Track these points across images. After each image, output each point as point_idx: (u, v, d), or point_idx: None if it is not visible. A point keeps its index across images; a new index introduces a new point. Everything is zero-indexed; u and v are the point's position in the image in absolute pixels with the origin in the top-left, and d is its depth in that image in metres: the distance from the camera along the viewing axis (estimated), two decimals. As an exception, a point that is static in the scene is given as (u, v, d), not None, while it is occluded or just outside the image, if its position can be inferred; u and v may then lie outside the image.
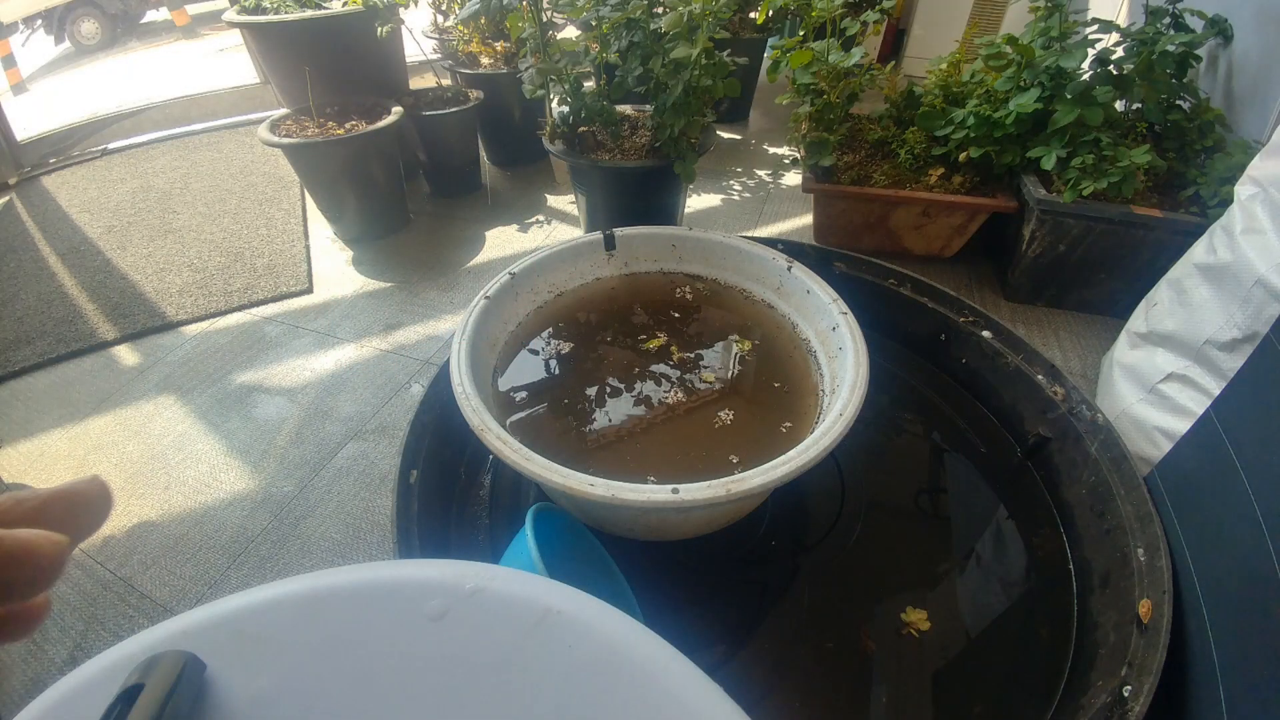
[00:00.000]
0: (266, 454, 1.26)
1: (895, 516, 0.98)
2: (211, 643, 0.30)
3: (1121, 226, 1.31)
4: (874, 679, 0.79)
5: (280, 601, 0.31)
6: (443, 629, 0.30)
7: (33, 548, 0.23)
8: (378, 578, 0.32)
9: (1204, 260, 0.96)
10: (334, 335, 1.57)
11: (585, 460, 0.85)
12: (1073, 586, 0.87)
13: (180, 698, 0.27)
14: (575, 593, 0.31)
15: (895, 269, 1.22)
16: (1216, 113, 1.39)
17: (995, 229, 1.59)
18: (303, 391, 1.40)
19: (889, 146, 1.65)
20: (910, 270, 1.21)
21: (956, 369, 1.17)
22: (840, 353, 0.90)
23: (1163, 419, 0.98)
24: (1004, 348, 1.08)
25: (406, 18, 1.98)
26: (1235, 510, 0.70)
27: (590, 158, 1.51)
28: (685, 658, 0.29)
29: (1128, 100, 1.43)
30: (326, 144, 1.70)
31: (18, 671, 0.94)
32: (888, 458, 1.08)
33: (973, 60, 1.62)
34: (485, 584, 0.32)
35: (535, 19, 1.41)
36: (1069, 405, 0.97)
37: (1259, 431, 0.68)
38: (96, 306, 1.70)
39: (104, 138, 2.78)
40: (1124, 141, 1.38)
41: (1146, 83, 1.35)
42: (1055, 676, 0.79)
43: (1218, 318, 0.89)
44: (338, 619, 0.31)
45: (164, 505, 1.17)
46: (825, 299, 0.97)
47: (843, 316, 0.92)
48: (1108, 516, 0.85)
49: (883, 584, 0.89)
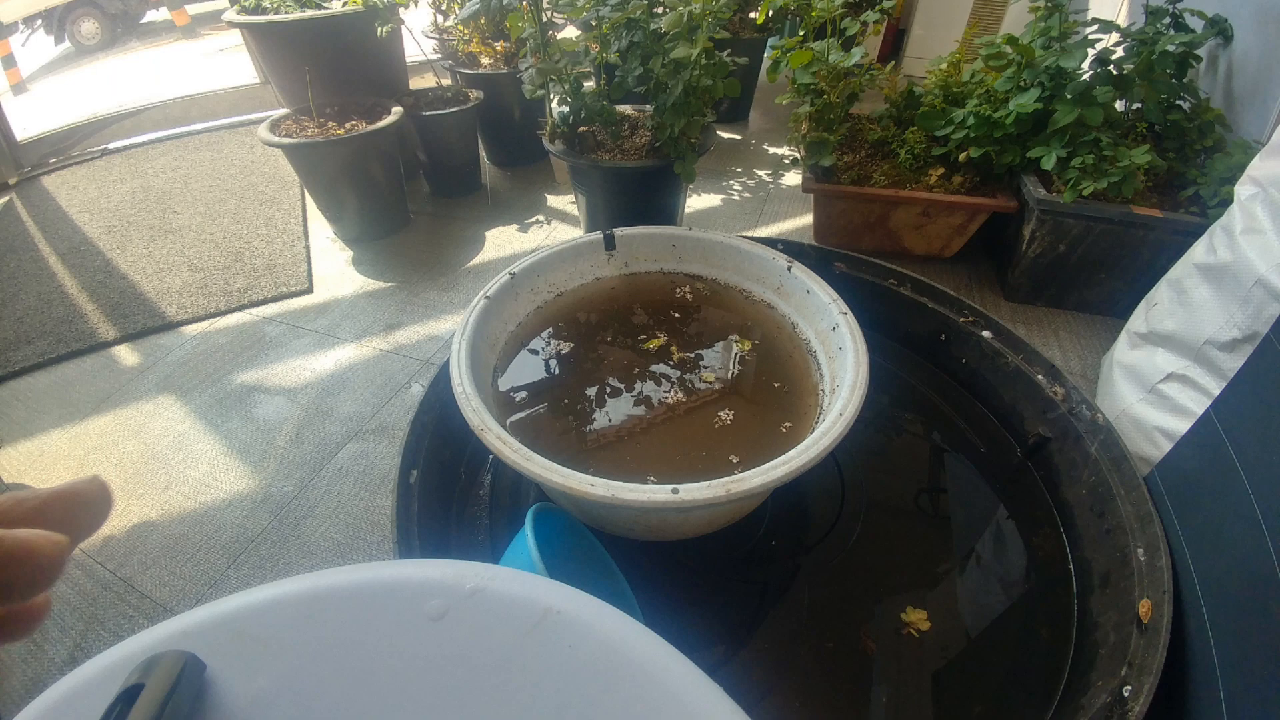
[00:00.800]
0: (266, 454, 1.26)
1: (895, 516, 0.98)
2: (211, 643, 0.30)
3: (1121, 226, 1.31)
4: (874, 679, 0.79)
5: (280, 601, 0.32)
6: (443, 629, 0.30)
7: (33, 548, 0.23)
8: (377, 578, 0.32)
9: (1204, 260, 0.96)
10: (334, 335, 1.57)
11: (585, 460, 0.85)
12: (1073, 586, 0.87)
13: (180, 698, 0.27)
14: (575, 593, 0.31)
15: (895, 269, 1.22)
16: (1216, 113, 1.39)
17: (995, 229, 1.59)
18: (303, 391, 1.40)
19: (889, 146, 1.65)
20: (910, 270, 1.21)
21: (957, 369, 1.17)
22: (840, 353, 0.90)
23: (1163, 419, 0.98)
24: (1004, 348, 1.08)
25: (406, 18, 1.98)
26: (1235, 510, 0.70)
27: (590, 158, 1.51)
28: (685, 658, 0.29)
29: (1128, 100, 1.43)
30: (326, 144, 1.70)
31: (18, 671, 0.94)
32: (888, 458, 1.08)
33: (973, 60, 1.62)
34: (485, 584, 0.32)
35: (535, 19, 1.41)
36: (1069, 405, 0.97)
37: (1259, 431, 0.68)
38: (96, 306, 1.70)
39: (104, 138, 2.78)
40: (1124, 141, 1.38)
41: (1146, 83, 1.35)
42: (1055, 676, 0.78)
43: (1218, 318, 0.89)
44: (338, 619, 0.31)
45: (164, 505, 1.17)
46: (825, 299, 0.97)
47: (843, 316, 0.92)
48: (1108, 516, 0.85)
49: (883, 584, 0.89)
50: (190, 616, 0.31)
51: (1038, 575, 0.89)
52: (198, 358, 1.52)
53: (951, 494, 1.01)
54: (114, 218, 2.15)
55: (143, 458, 1.27)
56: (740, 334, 1.05)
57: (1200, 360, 0.93)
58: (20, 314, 1.69)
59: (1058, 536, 0.93)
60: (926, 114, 1.58)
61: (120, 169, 2.52)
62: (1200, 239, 1.02)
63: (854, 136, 1.73)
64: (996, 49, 1.51)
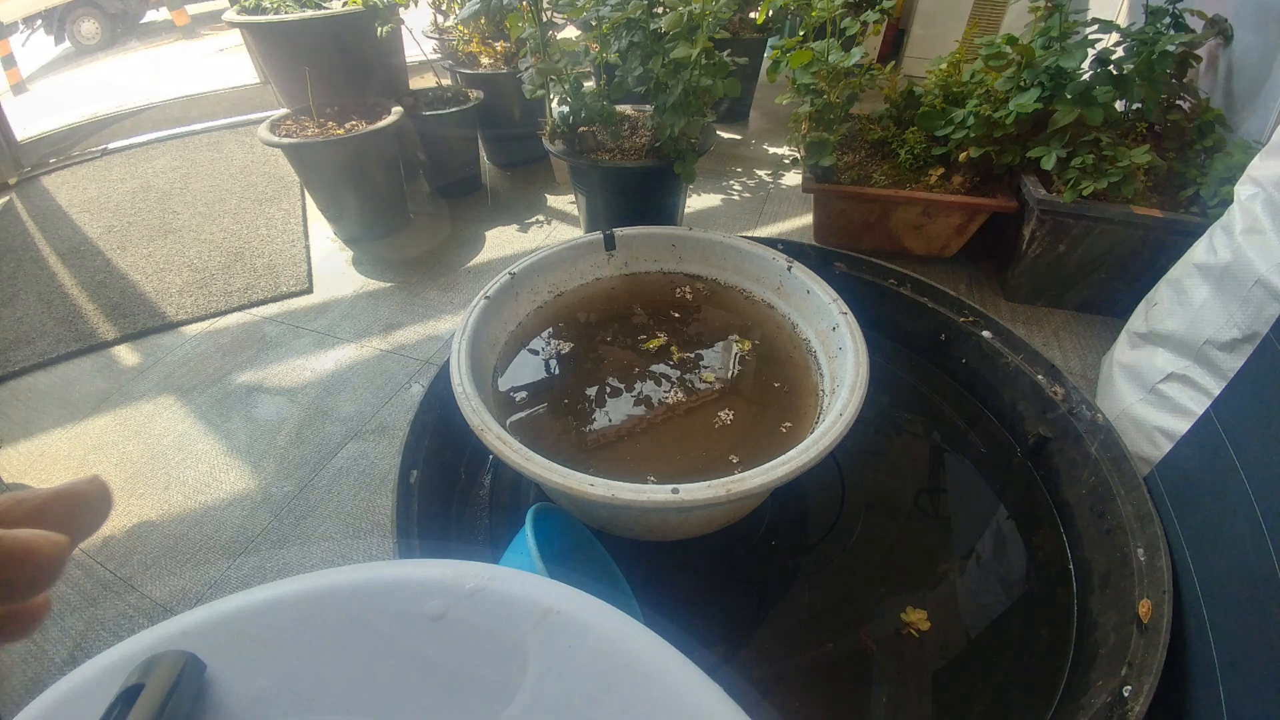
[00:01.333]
0: (266, 454, 1.26)
1: (895, 516, 0.98)
2: (211, 643, 0.30)
3: (1121, 226, 1.31)
4: (874, 679, 0.79)
5: (280, 601, 0.32)
6: (442, 629, 0.30)
7: (33, 548, 0.23)
8: (377, 578, 0.32)
9: (1204, 260, 0.96)
10: (334, 335, 1.57)
11: (585, 460, 0.85)
12: (1073, 586, 0.87)
13: (180, 697, 0.27)
14: (575, 592, 0.31)
15: (895, 269, 1.22)
16: (1216, 113, 1.39)
17: (995, 229, 1.59)
18: (302, 392, 1.40)
19: (889, 146, 1.65)
20: (910, 270, 1.21)
21: (957, 369, 1.17)
22: (840, 353, 0.90)
23: (1163, 419, 0.98)
24: (1004, 348, 1.08)
25: (406, 18, 1.98)
26: (1235, 510, 0.70)
27: (590, 158, 1.51)
28: (685, 658, 0.29)
29: (1128, 100, 1.43)
30: (326, 144, 1.70)
31: (18, 672, 0.94)
32: (888, 457, 1.08)
33: (973, 60, 1.62)
34: (485, 584, 0.32)
35: (535, 19, 1.41)
36: (1069, 405, 0.97)
37: (1259, 431, 0.68)
38: (96, 306, 1.70)
39: (104, 138, 2.78)
40: (1124, 141, 1.38)
41: (1146, 83, 1.35)
42: (1055, 676, 0.79)
43: (1218, 318, 0.89)
44: (337, 619, 0.31)
45: (164, 505, 1.17)
46: (825, 299, 0.97)
47: (843, 316, 0.92)
48: (1108, 516, 0.85)
49: (883, 584, 0.89)
50: (190, 616, 0.31)
51: (1038, 575, 0.89)
52: (198, 358, 1.52)
53: (951, 494, 1.01)
54: (114, 218, 2.15)
55: (143, 458, 1.27)
56: (740, 334, 1.05)
57: (1200, 360, 0.93)
58: (20, 314, 1.69)
59: (1058, 536, 0.93)
60: (926, 114, 1.58)
61: (120, 169, 2.52)
62: (1200, 239, 1.02)
63: (854, 137, 1.73)
64: (996, 49, 1.51)
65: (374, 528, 1.11)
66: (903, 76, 2.18)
